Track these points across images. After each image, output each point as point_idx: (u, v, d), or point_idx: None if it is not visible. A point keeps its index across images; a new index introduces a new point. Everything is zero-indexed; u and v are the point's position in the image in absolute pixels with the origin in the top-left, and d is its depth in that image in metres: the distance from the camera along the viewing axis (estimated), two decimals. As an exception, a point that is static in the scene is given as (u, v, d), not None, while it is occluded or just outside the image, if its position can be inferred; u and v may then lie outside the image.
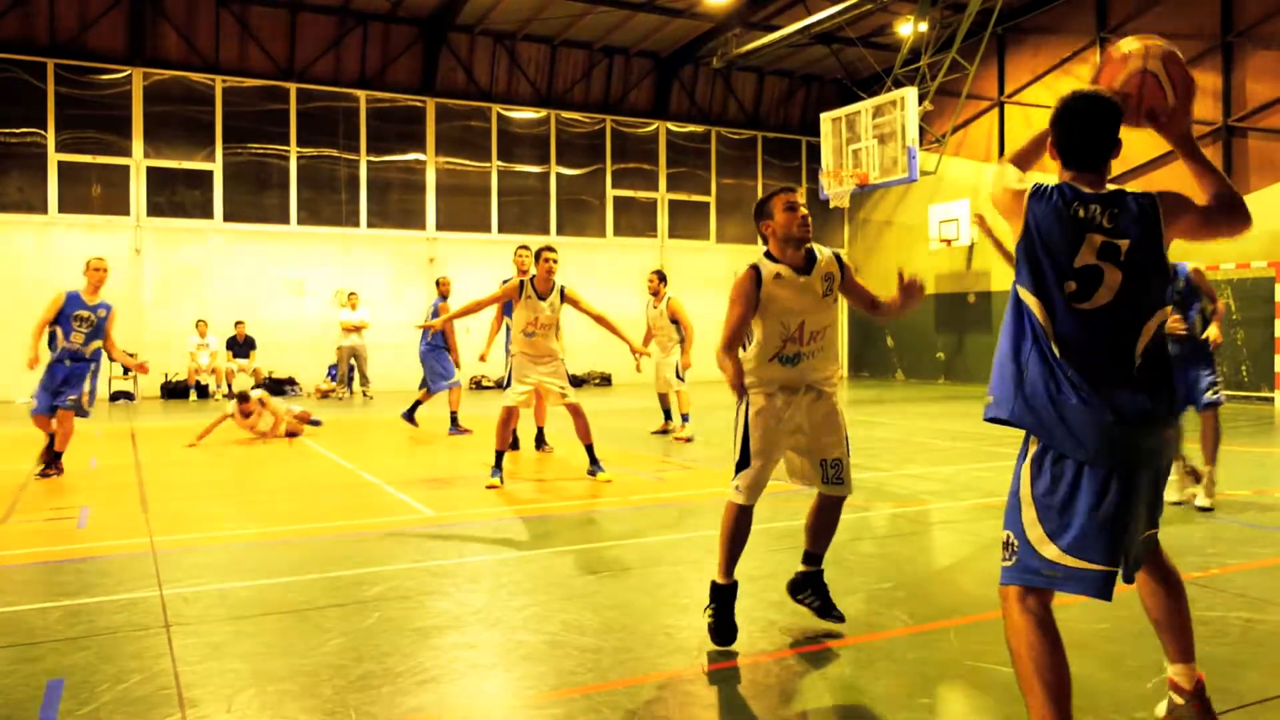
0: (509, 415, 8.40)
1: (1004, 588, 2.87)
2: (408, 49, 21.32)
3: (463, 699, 3.56)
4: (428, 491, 7.95)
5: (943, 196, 22.47)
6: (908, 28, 20.34)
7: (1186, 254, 17.56)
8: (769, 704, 3.48)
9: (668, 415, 11.96)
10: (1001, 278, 21.34)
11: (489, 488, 8.00)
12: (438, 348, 12.75)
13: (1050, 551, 2.75)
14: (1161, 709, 3.24)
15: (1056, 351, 2.76)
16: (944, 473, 8.99)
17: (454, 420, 12.36)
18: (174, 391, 18.75)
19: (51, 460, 8.73)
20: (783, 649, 4.03)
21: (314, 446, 11.15)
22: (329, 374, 19.64)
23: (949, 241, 22.13)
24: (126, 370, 14.20)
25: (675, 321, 11.68)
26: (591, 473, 8.38)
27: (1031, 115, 21.18)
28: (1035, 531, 2.78)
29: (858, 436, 11.71)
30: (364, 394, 18.89)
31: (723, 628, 4.00)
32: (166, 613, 4.53)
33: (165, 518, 6.93)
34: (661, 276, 11.91)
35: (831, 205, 21.64)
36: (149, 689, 3.57)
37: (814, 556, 4.36)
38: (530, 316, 8.12)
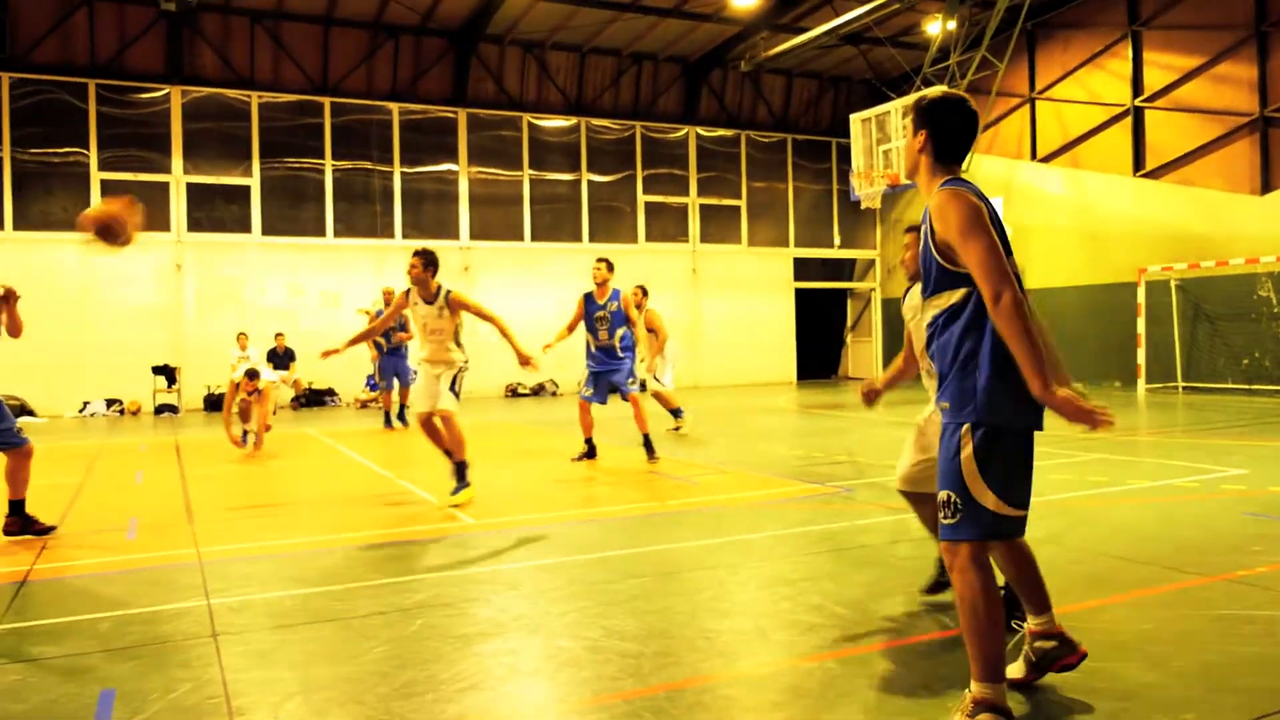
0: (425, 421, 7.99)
1: (957, 543, 3.12)
2: (438, 61, 21.52)
3: (505, 705, 3.59)
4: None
5: (976, 195, 22.27)
6: (936, 26, 20.23)
7: (1222, 250, 17.26)
8: (809, 708, 3.48)
9: (675, 413, 12.45)
10: (1035, 275, 21.16)
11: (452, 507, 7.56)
12: (395, 354, 14.48)
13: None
14: (1019, 667, 3.53)
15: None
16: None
17: (387, 418, 14.70)
18: (216, 404, 18.98)
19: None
20: (823, 652, 4.03)
21: (354, 456, 11.27)
22: (367, 384, 19.82)
23: (983, 240, 21.91)
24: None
25: (652, 330, 12.59)
26: (454, 491, 7.64)
27: (1063, 111, 20.98)
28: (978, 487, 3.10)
29: (892, 438, 11.67)
30: (402, 404, 19.01)
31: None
32: (214, 622, 4.60)
33: (211, 528, 7.04)
34: (644, 291, 12.52)
35: (863, 206, 21.56)
36: (198, 698, 3.64)
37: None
38: (419, 323, 7.99)
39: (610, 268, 10.14)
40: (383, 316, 8.66)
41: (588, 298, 10.13)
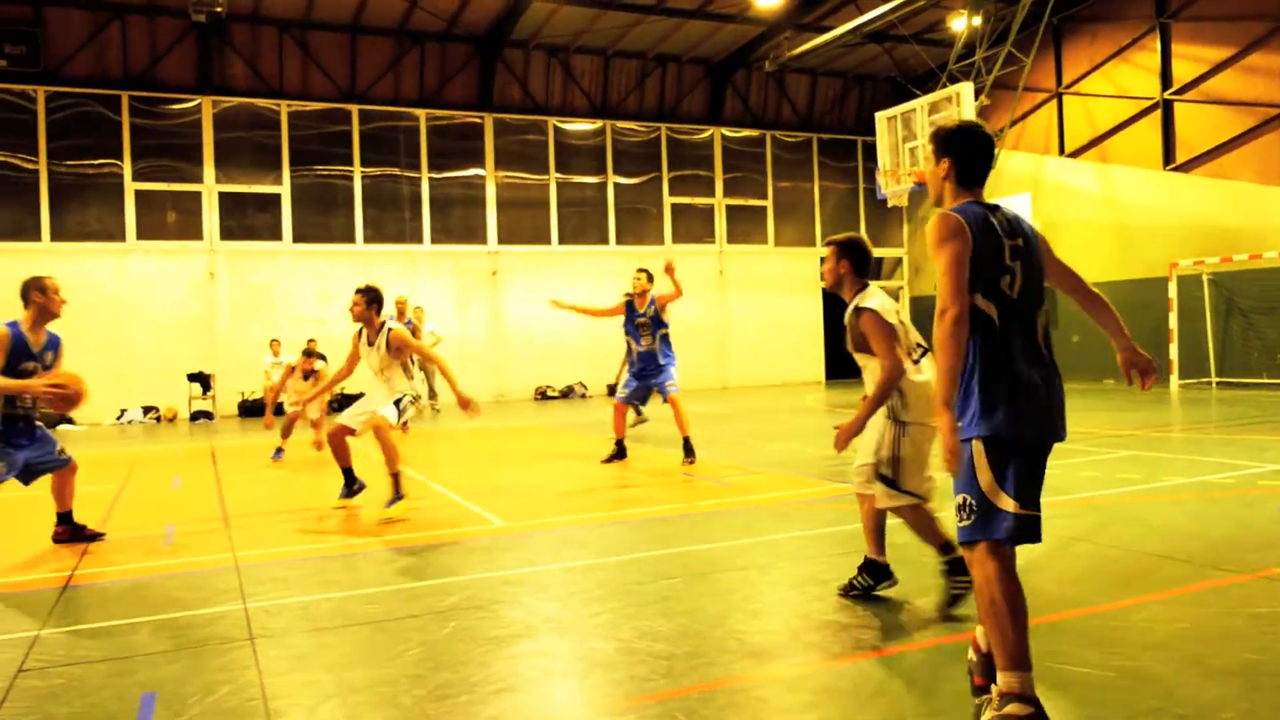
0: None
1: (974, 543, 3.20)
2: (464, 66, 21.64)
3: (539, 707, 3.62)
4: (497, 502, 8.07)
5: (1003, 191, 22.12)
6: (961, 22, 20.11)
7: (1251, 244, 17.05)
8: (843, 708, 3.48)
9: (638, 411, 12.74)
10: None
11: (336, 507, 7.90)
12: None
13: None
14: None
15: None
16: (1014, 472, 8.86)
17: None
18: (251, 410, 19.21)
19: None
20: (855, 653, 4.03)
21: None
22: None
23: (1012, 237, 21.77)
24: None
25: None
26: (389, 503, 7.52)
27: (1090, 106, 20.79)
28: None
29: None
30: (432, 408, 19.16)
31: None
32: (251, 626, 4.67)
33: (246, 533, 7.13)
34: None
35: (889, 205, 21.46)
36: (237, 700, 3.69)
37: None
38: (368, 364, 7.88)
39: (650, 278, 10.24)
40: (339, 370, 8.29)
41: (629, 305, 10.22)
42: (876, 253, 26.27)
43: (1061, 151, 21.51)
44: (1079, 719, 3.32)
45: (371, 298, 7.77)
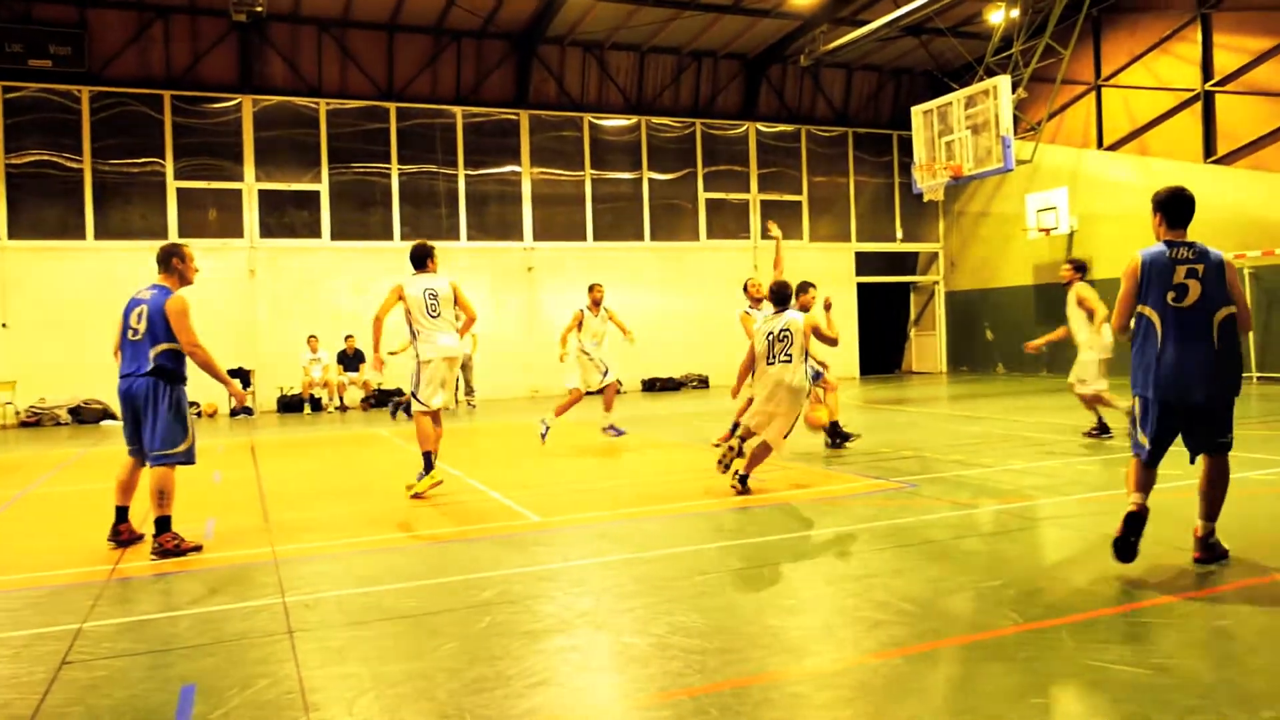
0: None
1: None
2: (500, 64, 21.72)
3: (573, 701, 3.64)
4: (533, 497, 8.11)
5: (1040, 185, 21.90)
6: (998, 15, 19.88)
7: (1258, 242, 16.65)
8: (877, 704, 3.48)
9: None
10: (1104, 266, 20.71)
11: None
12: None
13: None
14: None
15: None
16: (1049, 467, 8.79)
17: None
18: (289, 405, 19.42)
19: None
20: (890, 649, 4.02)
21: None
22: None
23: (1048, 230, 21.55)
24: None
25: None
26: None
27: (1130, 98, 20.48)
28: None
29: (958, 432, 11.53)
30: (469, 403, 19.29)
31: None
32: (289, 619, 4.73)
33: (285, 527, 7.22)
34: (599, 289, 12.81)
35: (925, 199, 21.30)
36: (275, 693, 3.75)
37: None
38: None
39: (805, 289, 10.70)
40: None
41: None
42: (911, 248, 26.10)
43: (1100, 144, 21.22)
44: (1117, 717, 3.29)
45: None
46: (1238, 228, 18.11)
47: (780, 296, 8.11)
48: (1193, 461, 5.20)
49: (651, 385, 22.24)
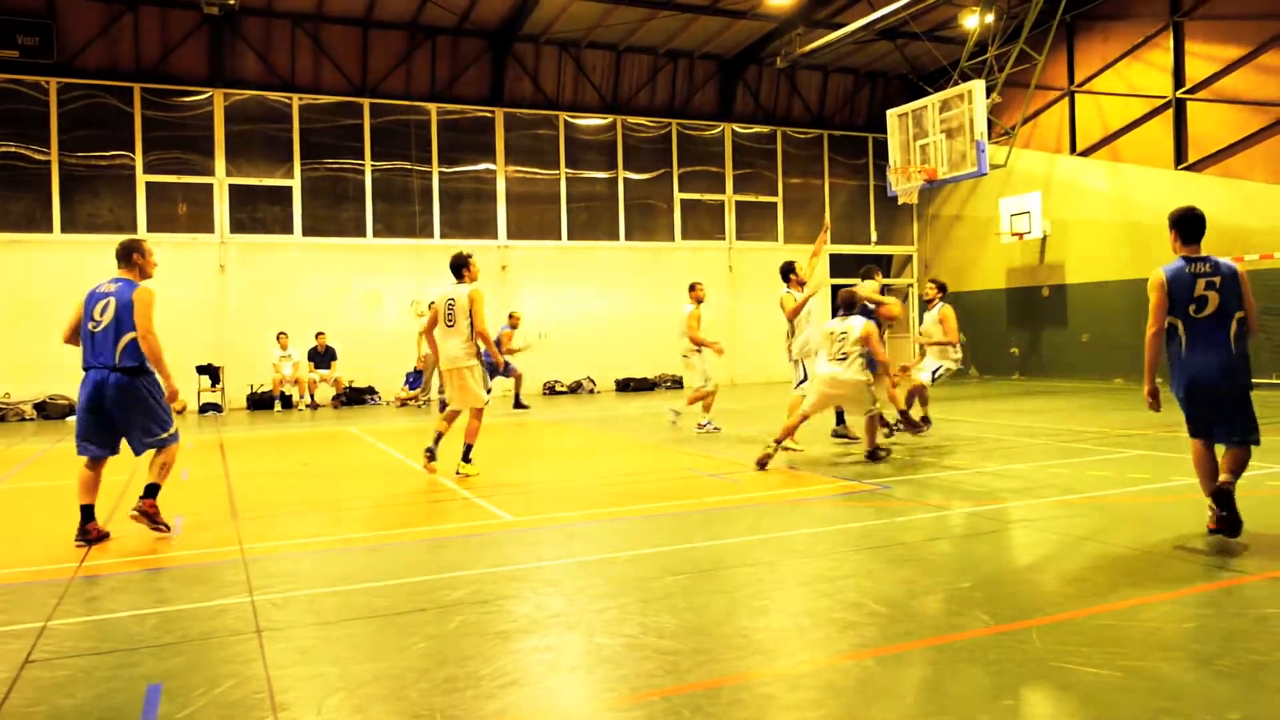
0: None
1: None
2: (475, 61, 21.64)
3: (544, 702, 3.62)
4: (505, 496, 8.08)
5: (1014, 189, 22.08)
6: (973, 20, 20.01)
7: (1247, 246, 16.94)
8: (848, 706, 3.48)
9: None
10: (1077, 270, 20.91)
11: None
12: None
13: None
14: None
15: None
16: (1020, 470, 8.85)
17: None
18: (259, 403, 19.26)
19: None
20: (861, 650, 4.02)
21: (395, 454, 11.38)
22: (406, 382, 19.99)
23: (1021, 235, 21.74)
24: None
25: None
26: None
27: (1103, 104, 20.68)
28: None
29: (931, 434, 11.59)
30: (443, 402, 19.17)
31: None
32: (258, 618, 4.68)
33: (254, 526, 7.15)
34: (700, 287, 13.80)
35: (900, 202, 21.38)
36: (242, 693, 3.70)
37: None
38: None
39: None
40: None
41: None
42: (886, 250, 26.24)
43: (1073, 150, 21.41)
44: (1087, 719, 3.31)
45: None
46: (1208, 234, 18.27)
47: (846, 304, 9.70)
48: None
49: (625, 385, 22.23)
